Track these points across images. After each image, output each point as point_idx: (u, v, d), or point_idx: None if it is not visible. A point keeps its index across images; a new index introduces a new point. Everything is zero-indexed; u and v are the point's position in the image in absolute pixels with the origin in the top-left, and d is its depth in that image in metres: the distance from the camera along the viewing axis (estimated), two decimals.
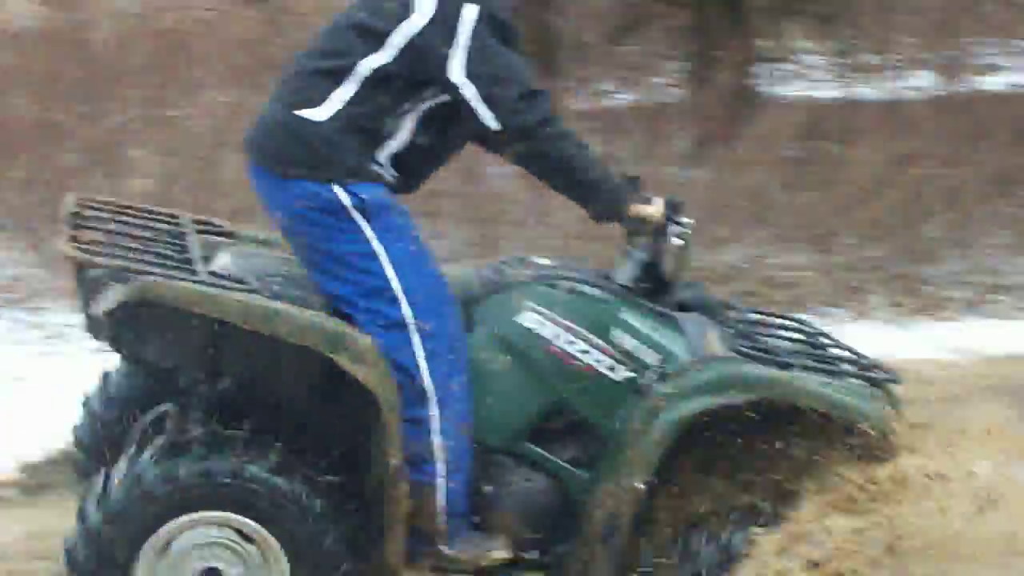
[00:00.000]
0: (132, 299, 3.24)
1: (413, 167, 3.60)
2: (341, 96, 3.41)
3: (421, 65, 3.40)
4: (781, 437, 3.71)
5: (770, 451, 3.71)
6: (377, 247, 3.44)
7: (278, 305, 3.36)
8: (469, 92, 3.37)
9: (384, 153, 3.49)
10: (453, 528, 3.47)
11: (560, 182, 3.57)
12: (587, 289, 3.74)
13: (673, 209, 3.60)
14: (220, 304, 3.30)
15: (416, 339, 3.43)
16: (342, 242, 3.45)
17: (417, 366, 3.43)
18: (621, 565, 3.67)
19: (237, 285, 3.40)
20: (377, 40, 3.40)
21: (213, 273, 3.46)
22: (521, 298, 3.66)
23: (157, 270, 3.34)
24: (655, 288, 3.74)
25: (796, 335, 4.19)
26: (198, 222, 4.01)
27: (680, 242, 3.57)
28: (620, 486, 3.58)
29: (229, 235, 4.01)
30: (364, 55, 3.38)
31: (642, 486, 3.55)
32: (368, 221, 3.43)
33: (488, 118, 3.37)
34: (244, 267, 3.60)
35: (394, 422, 3.36)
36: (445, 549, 3.46)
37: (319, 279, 3.51)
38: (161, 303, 3.27)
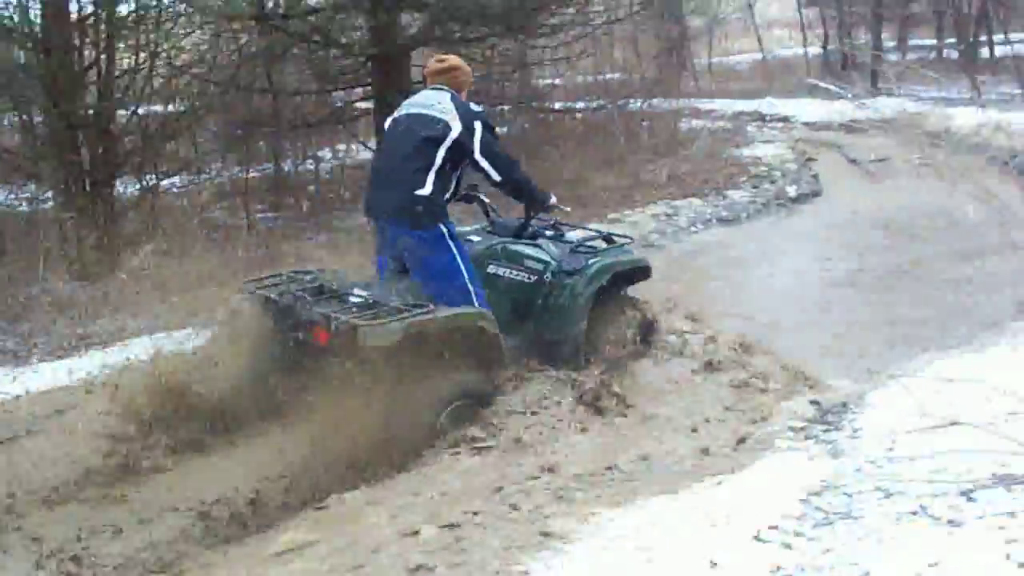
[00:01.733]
0: (403, 336, 5.99)
1: (450, 202, 6.90)
2: (431, 179, 6.58)
3: (460, 153, 6.64)
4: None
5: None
6: (457, 257, 6.75)
7: (449, 311, 6.41)
8: (485, 164, 6.71)
9: (446, 199, 6.79)
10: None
11: (521, 197, 7.21)
12: (507, 244, 7.38)
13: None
14: (430, 325, 6.17)
15: (472, 296, 6.72)
16: (442, 255, 6.69)
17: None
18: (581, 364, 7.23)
19: (414, 308, 6.25)
20: (437, 144, 6.59)
21: (412, 305, 6.30)
22: (485, 260, 7.16)
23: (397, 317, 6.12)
24: (522, 232, 7.56)
25: (583, 234, 8.11)
26: (305, 272, 7.14)
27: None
28: (571, 326, 7.29)
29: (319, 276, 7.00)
30: (434, 154, 6.58)
31: (583, 326, 7.32)
32: (453, 243, 6.75)
33: (493, 175, 6.76)
34: (382, 293, 6.55)
35: (498, 337, 6.68)
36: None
37: (427, 274, 6.67)
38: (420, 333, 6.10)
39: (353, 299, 6.43)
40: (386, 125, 7.08)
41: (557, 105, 19.44)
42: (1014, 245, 4.52)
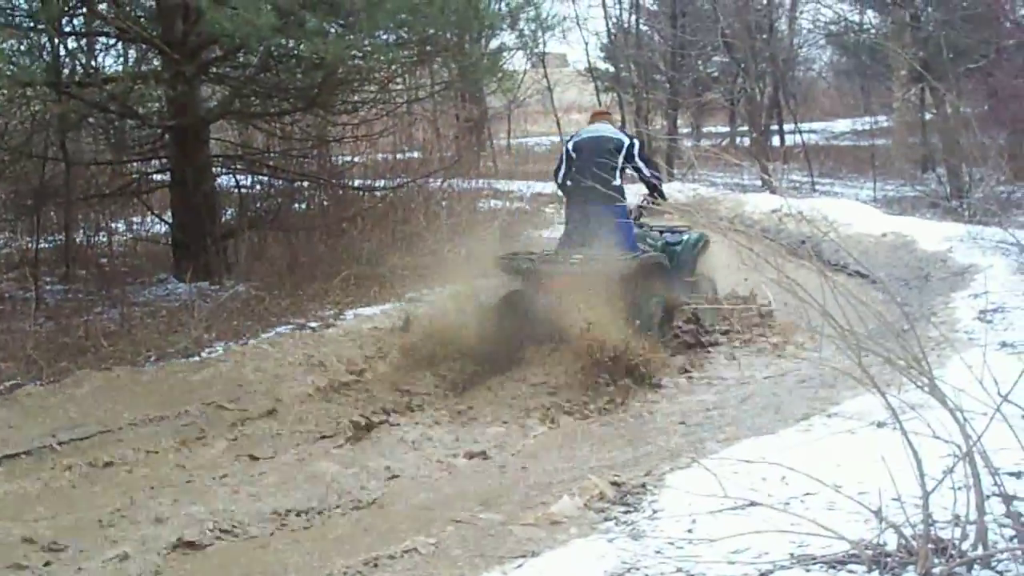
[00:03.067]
0: (636, 267, 10.84)
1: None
2: (618, 174, 11.63)
3: (630, 158, 11.79)
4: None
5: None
6: (632, 224, 11.86)
7: (649, 254, 11.54)
8: (641, 164, 11.92)
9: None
10: None
11: (653, 191, 12.34)
12: (637, 229, 12.12)
13: None
14: (646, 261, 11.26)
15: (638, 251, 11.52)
16: (626, 224, 11.63)
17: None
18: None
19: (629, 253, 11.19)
20: (619, 152, 11.72)
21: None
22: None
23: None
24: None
25: (664, 226, 13.23)
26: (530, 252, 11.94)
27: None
28: (686, 274, 12.30)
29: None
30: (617, 158, 11.64)
31: (691, 276, 12.43)
32: (631, 215, 11.96)
33: (644, 171, 12.00)
34: (586, 253, 10.92)
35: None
36: None
37: (615, 235, 11.10)
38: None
39: (573, 259, 10.74)
40: (570, 147, 12.03)
41: (357, 182, 19.69)
42: (811, 329, 4.83)
